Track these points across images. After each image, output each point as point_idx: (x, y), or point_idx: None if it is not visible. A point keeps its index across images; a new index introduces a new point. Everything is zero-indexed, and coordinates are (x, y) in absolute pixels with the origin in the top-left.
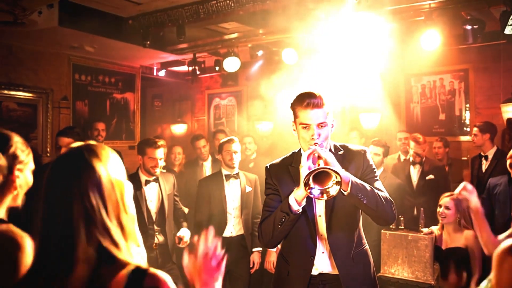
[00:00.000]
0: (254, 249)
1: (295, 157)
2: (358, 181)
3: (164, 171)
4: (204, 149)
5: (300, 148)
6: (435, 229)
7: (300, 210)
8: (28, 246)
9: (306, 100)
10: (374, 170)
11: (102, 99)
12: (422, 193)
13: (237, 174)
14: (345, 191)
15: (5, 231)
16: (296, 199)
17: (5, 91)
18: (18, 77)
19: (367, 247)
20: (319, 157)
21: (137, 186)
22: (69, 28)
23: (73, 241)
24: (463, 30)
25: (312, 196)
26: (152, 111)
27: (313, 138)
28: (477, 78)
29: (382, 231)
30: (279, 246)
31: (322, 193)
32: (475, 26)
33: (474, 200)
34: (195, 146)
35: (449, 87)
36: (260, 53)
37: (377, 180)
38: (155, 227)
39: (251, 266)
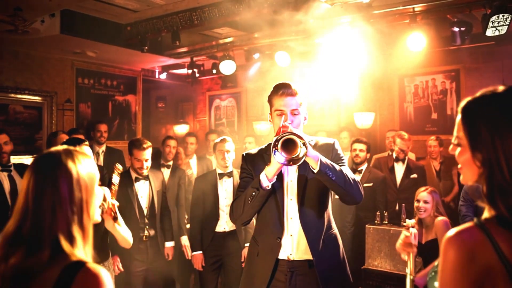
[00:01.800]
0: (246, 244)
1: (269, 147)
2: (327, 160)
3: (169, 170)
4: (174, 149)
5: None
6: (411, 223)
7: (270, 186)
8: None
9: (281, 89)
10: (342, 158)
11: (104, 101)
12: (404, 189)
13: (231, 172)
14: (314, 169)
15: None
16: (266, 175)
17: (12, 95)
18: (24, 81)
19: (336, 231)
20: (288, 131)
21: (129, 183)
22: (70, 35)
23: (38, 229)
24: (451, 32)
25: (275, 159)
26: (156, 112)
27: (285, 124)
28: (468, 78)
29: (366, 225)
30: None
31: (289, 161)
32: (462, 28)
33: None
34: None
35: (441, 87)
36: (256, 56)
37: (345, 165)
38: (146, 221)
39: (242, 260)
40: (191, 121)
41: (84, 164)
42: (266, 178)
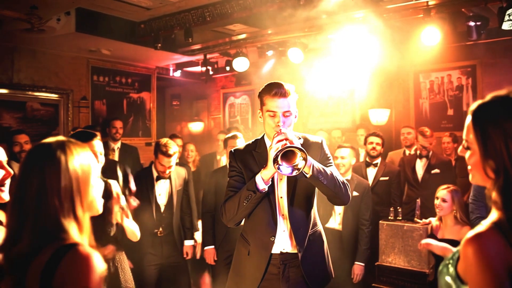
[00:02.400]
0: None
1: (259, 143)
2: (319, 165)
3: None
4: (180, 147)
5: (263, 135)
6: (434, 220)
7: (266, 189)
8: None
9: (274, 89)
10: (330, 158)
11: (119, 98)
12: (426, 186)
13: None
14: (307, 174)
15: None
16: (263, 178)
17: (30, 92)
18: (41, 80)
19: (321, 228)
20: (286, 139)
21: (150, 180)
22: (85, 33)
23: (24, 217)
24: (467, 26)
25: (280, 172)
26: (171, 110)
27: (278, 125)
28: (484, 74)
29: (379, 221)
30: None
31: (293, 170)
32: (478, 23)
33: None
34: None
35: (457, 83)
36: (270, 53)
37: (332, 166)
38: (162, 219)
39: None
40: (205, 119)
41: (77, 155)
42: (263, 181)
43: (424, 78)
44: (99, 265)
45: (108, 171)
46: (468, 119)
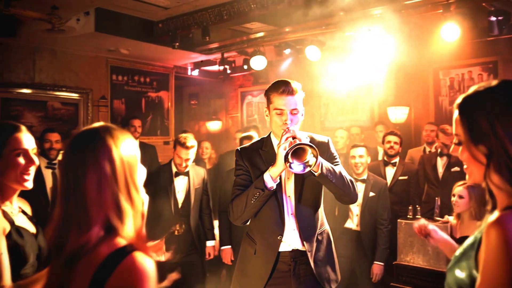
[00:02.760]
0: None
1: (265, 142)
2: (327, 163)
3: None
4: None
5: (270, 134)
6: (451, 218)
7: (274, 187)
8: None
9: (281, 87)
10: (336, 158)
11: (137, 97)
12: (446, 184)
13: None
14: (316, 172)
15: None
16: (271, 176)
17: (51, 92)
18: (62, 79)
19: (328, 228)
20: (294, 137)
21: (169, 176)
22: (105, 33)
23: (83, 206)
24: (488, 21)
25: (291, 170)
26: (189, 109)
27: (285, 123)
28: (506, 70)
29: (398, 220)
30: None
31: (304, 166)
32: (499, 18)
33: (430, 227)
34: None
35: (478, 79)
36: (287, 51)
37: (338, 165)
38: (180, 216)
39: None
40: (223, 118)
41: (123, 140)
42: (271, 179)
43: (444, 75)
44: (153, 276)
45: None
46: (455, 113)
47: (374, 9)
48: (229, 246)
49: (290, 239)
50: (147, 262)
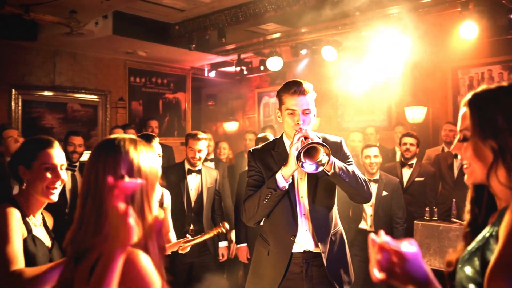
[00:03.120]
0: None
1: (277, 143)
2: (340, 162)
3: (212, 163)
4: (211, 141)
5: (282, 135)
6: None
7: (287, 187)
8: None
9: (293, 87)
10: (350, 157)
11: (155, 99)
12: (460, 185)
13: None
14: (328, 171)
15: None
16: (283, 175)
17: (70, 94)
18: (81, 81)
19: (342, 228)
20: (306, 137)
21: (182, 174)
22: (122, 36)
23: (98, 208)
24: (508, 19)
25: (304, 169)
26: (207, 109)
27: (298, 123)
28: None
29: (415, 221)
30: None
31: (317, 166)
32: None
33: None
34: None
35: (498, 78)
36: (304, 51)
37: (352, 164)
38: (193, 215)
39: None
40: (240, 118)
41: (147, 156)
42: (283, 178)
43: (463, 74)
44: (151, 272)
45: None
46: (463, 110)
47: (390, 9)
48: (245, 244)
49: (303, 240)
50: (143, 258)
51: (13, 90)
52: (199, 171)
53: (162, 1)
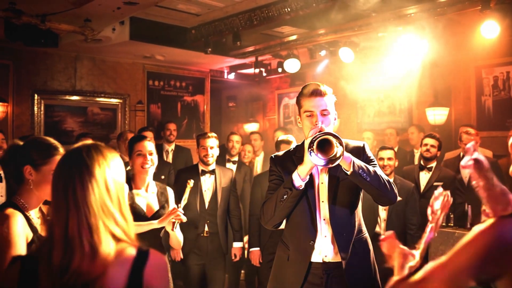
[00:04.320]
0: None
1: (299, 148)
2: (360, 162)
3: (235, 165)
4: (238, 144)
5: (304, 141)
6: None
7: (303, 186)
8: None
9: (310, 89)
10: (373, 160)
11: (173, 101)
12: (471, 190)
13: None
14: (347, 171)
15: None
16: (299, 174)
17: (90, 98)
18: (101, 86)
19: (367, 235)
20: (321, 131)
21: (196, 175)
22: (139, 41)
23: (66, 226)
24: None
25: (312, 160)
26: (227, 111)
27: (316, 124)
28: None
29: None
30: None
31: (328, 162)
32: None
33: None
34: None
35: None
36: (323, 53)
37: (376, 166)
38: (207, 216)
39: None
40: (260, 120)
41: (112, 159)
42: (299, 177)
43: (487, 73)
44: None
45: (160, 174)
46: None
47: (407, 9)
48: (258, 248)
49: (322, 246)
50: (162, 257)
51: (36, 95)
52: (212, 172)
53: (177, 7)
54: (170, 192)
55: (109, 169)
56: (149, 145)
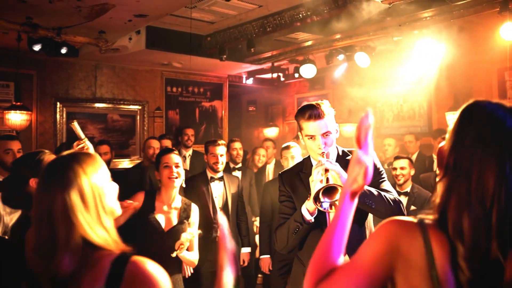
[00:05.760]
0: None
1: (305, 163)
2: (365, 188)
3: (239, 172)
4: (241, 150)
5: (309, 155)
6: None
7: (313, 220)
8: None
9: (307, 112)
10: (382, 172)
11: (191, 107)
12: None
13: None
14: None
15: None
16: (308, 209)
17: (110, 105)
18: (120, 93)
19: None
20: (327, 170)
21: (205, 182)
22: (155, 49)
23: (54, 236)
24: None
25: (322, 209)
26: (247, 116)
27: (320, 148)
28: None
29: None
30: None
31: (331, 205)
32: None
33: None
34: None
35: None
36: (341, 57)
37: (385, 181)
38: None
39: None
40: (280, 124)
41: (91, 165)
42: (308, 212)
43: (510, 76)
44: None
45: None
46: None
47: (423, 12)
48: (268, 256)
49: None
50: (148, 263)
51: (58, 103)
52: (221, 178)
53: (191, 15)
54: (195, 209)
55: (85, 174)
56: (175, 157)
